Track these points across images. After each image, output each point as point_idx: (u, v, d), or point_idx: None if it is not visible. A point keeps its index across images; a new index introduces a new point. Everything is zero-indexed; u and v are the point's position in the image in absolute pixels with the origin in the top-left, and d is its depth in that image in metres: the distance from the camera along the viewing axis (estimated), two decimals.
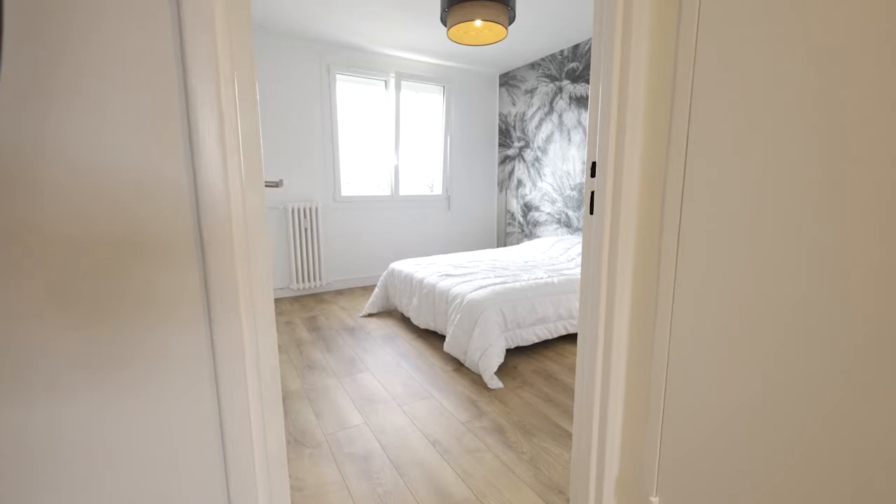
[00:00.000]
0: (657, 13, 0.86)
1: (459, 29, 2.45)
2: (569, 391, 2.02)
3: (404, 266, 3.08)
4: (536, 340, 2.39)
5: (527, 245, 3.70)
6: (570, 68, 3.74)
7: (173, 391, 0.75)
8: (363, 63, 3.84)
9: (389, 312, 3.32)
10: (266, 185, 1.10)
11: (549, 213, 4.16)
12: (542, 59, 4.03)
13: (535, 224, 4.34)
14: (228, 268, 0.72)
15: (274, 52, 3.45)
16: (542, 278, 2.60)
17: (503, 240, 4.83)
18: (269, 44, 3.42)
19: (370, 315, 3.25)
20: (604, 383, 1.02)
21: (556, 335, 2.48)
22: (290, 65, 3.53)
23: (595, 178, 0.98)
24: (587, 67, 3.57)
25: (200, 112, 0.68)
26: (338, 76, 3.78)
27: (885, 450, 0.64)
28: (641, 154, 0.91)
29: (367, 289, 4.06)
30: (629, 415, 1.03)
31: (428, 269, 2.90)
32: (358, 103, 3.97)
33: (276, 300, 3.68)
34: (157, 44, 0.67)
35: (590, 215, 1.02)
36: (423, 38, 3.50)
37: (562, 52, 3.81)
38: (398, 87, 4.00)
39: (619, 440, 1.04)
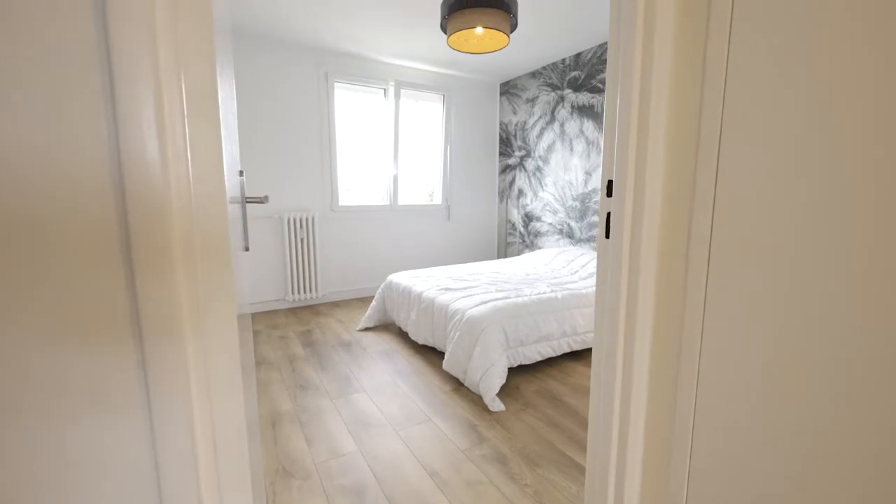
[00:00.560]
0: (682, 11, 0.78)
1: (460, 36, 2.38)
2: (575, 415, 1.92)
3: (402, 278, 2.99)
4: (539, 359, 2.29)
5: (528, 256, 3.61)
6: (572, 77, 3.68)
7: (84, 440, 0.58)
8: (362, 71, 3.78)
9: (387, 326, 3.21)
10: (248, 202, 1.00)
11: (550, 224, 4.08)
12: (544, 68, 3.98)
13: (537, 234, 4.25)
14: (164, 276, 0.56)
15: (270, 60, 3.39)
16: (544, 293, 2.50)
17: (504, 250, 4.75)
18: (266, 51, 3.36)
19: (367, 329, 3.15)
20: (622, 420, 0.92)
21: (559, 353, 2.38)
22: (287, 72, 3.47)
23: (612, 199, 0.89)
24: (589, 76, 3.52)
25: (125, 72, 0.52)
26: (336, 84, 3.72)
27: None
28: (665, 172, 0.82)
29: (365, 300, 3.96)
30: (650, 449, 0.93)
31: (427, 282, 2.80)
32: (356, 111, 3.90)
33: (271, 313, 3.58)
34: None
35: (605, 239, 0.93)
36: (422, 45, 3.45)
37: (563, 60, 3.76)
38: (397, 96, 3.94)
39: (639, 477, 0.94)
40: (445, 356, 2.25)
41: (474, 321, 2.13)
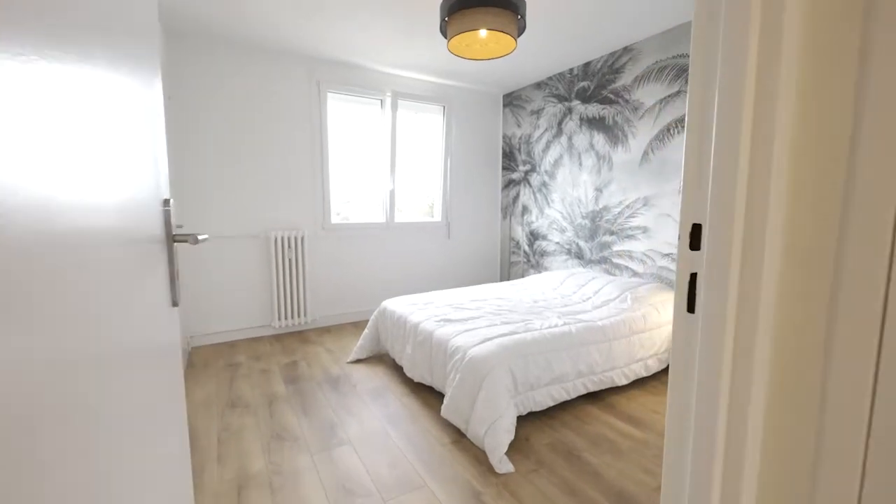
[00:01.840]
0: None
1: (462, 41, 2.15)
2: (596, 479, 1.62)
3: (398, 305, 2.71)
4: (552, 403, 2.00)
5: (534, 279, 3.34)
6: (581, 88, 3.45)
7: None
8: (357, 81, 3.56)
9: (380, 357, 2.92)
10: (176, 240, 0.74)
11: (557, 243, 3.81)
12: (550, 78, 3.76)
13: (543, 254, 3.98)
14: None
15: (259, 68, 3.17)
16: (556, 326, 2.22)
17: (507, 270, 4.47)
18: (253, 58, 3.13)
19: (358, 361, 2.85)
20: None
21: (574, 395, 2.08)
22: (276, 81, 3.24)
23: (699, 252, 0.62)
24: (599, 87, 3.29)
25: None
26: (329, 94, 3.49)
27: None
28: (791, 214, 0.54)
29: (358, 325, 3.67)
30: None
31: (424, 311, 2.52)
32: (351, 123, 3.67)
33: (255, 340, 3.28)
34: None
35: (688, 313, 0.64)
36: (421, 54, 3.23)
37: (571, 70, 3.54)
38: (395, 107, 3.71)
39: None
40: (445, 400, 1.96)
41: (478, 362, 1.85)
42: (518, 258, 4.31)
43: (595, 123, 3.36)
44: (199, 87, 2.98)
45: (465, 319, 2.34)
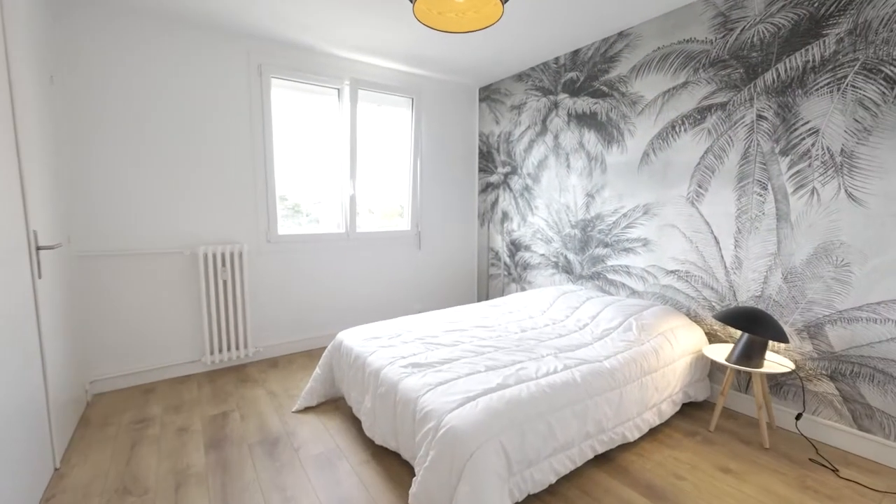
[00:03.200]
0: None
1: (432, 5, 1.65)
2: None
3: (356, 340, 2.17)
4: (554, 480, 1.53)
5: (519, 299, 2.88)
6: (569, 79, 3.03)
7: None
8: (308, 65, 2.99)
9: (335, 402, 2.37)
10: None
11: (542, 255, 3.37)
12: (532, 69, 3.32)
13: (526, 267, 3.54)
14: None
15: (181, 46, 2.55)
16: (556, 371, 1.75)
17: (485, 283, 4.00)
18: (174, 34, 2.51)
19: (306, 409, 2.29)
20: None
21: (580, 463, 1.62)
22: (205, 64, 2.63)
23: None
24: (591, 78, 2.87)
25: None
26: (274, 81, 2.91)
27: None
28: None
29: (312, 355, 3.10)
30: None
31: (388, 350, 2.00)
32: (301, 116, 3.10)
33: (180, 382, 2.65)
34: None
35: None
36: (385, 35, 2.70)
37: (557, 59, 3.11)
38: (354, 98, 3.17)
39: None
40: (414, 486, 1.44)
41: (458, 438, 1.35)
42: (498, 270, 3.85)
43: (585, 120, 2.94)
44: (100, 67, 2.33)
45: (439, 363, 1.84)
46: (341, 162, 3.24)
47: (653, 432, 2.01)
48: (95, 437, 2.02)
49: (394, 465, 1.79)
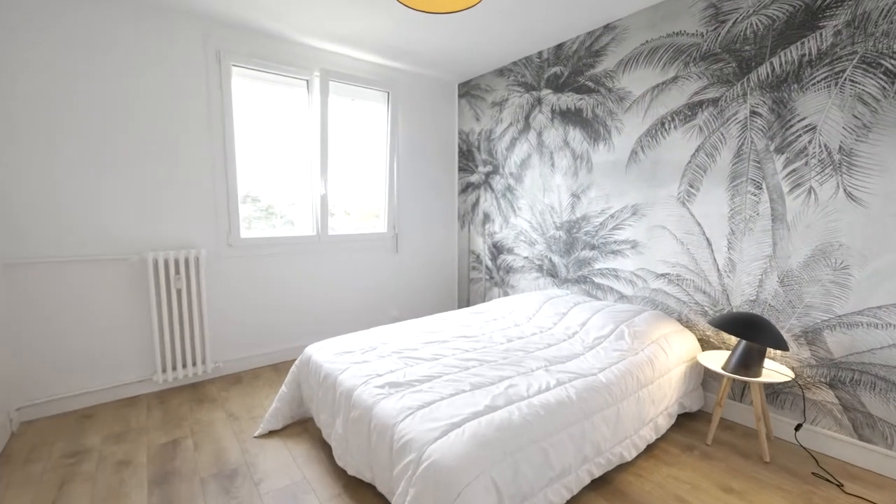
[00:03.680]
0: None
1: None
2: None
3: (326, 355, 1.95)
4: None
5: (503, 304, 2.72)
6: (553, 74, 2.90)
7: None
8: (273, 54, 2.75)
9: (303, 424, 2.14)
10: None
11: (526, 258, 3.23)
12: (514, 64, 3.18)
13: (509, 270, 3.39)
14: None
15: (130, 27, 2.27)
16: (549, 388, 1.59)
17: (466, 288, 3.83)
18: (121, 14, 2.23)
19: (270, 434, 2.05)
20: None
21: (577, 490, 1.46)
22: (153, 46, 2.36)
23: None
24: (575, 73, 2.75)
25: None
26: (234, 69, 2.65)
27: None
28: None
29: (280, 369, 2.84)
30: None
31: (362, 367, 1.79)
32: (269, 110, 2.84)
33: (126, 405, 2.36)
34: None
35: None
36: (357, 23, 2.50)
37: (540, 54, 2.97)
38: (325, 90, 2.94)
39: None
40: None
41: (443, 475, 1.16)
42: (479, 274, 3.69)
43: (570, 117, 2.81)
44: (13, 45, 2.03)
45: (419, 381, 1.65)
46: (312, 159, 3.00)
47: (649, 448, 1.88)
48: (16, 476, 1.73)
49: (368, 499, 1.58)
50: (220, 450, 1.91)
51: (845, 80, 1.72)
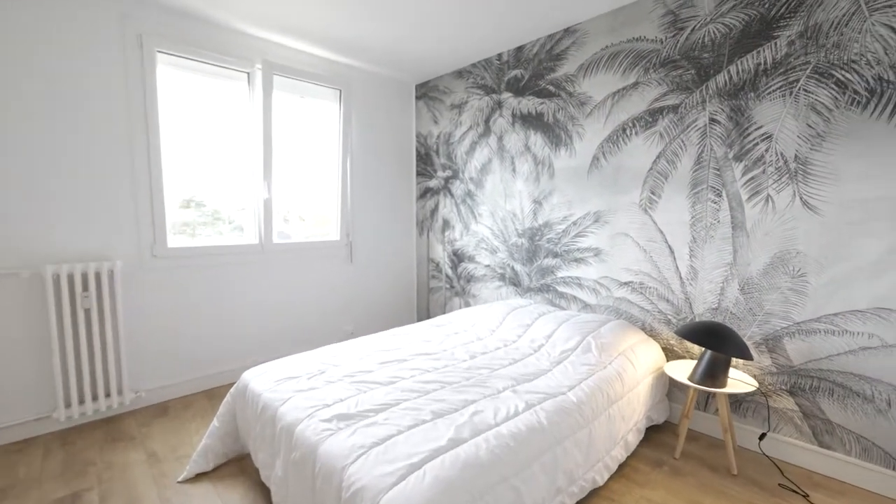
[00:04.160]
0: None
1: None
2: None
3: (265, 382, 1.70)
4: None
5: (465, 316, 2.57)
6: (513, 77, 2.82)
7: None
8: (208, 41, 2.46)
9: (239, 462, 1.86)
10: None
11: (488, 266, 3.11)
12: (474, 66, 3.07)
13: (470, 279, 3.25)
14: None
15: (27, 2, 1.91)
16: (518, 412, 1.45)
17: (426, 297, 3.65)
18: None
19: (199, 477, 1.76)
20: None
21: None
22: (62, 29, 2.01)
23: None
24: (536, 76, 2.68)
25: None
26: (161, 57, 2.33)
27: None
28: None
29: (215, 395, 2.52)
30: None
31: (307, 396, 1.56)
32: (206, 104, 2.54)
33: (19, 449, 1.95)
34: None
35: None
36: (303, 13, 2.27)
37: (500, 56, 2.89)
38: (268, 85, 2.67)
39: None
40: None
41: None
42: (439, 283, 3.53)
43: (531, 121, 2.74)
44: None
45: (373, 411, 1.45)
46: (254, 161, 2.72)
47: (620, 467, 1.78)
48: None
49: None
50: (134, 501, 1.60)
51: (799, 89, 1.74)
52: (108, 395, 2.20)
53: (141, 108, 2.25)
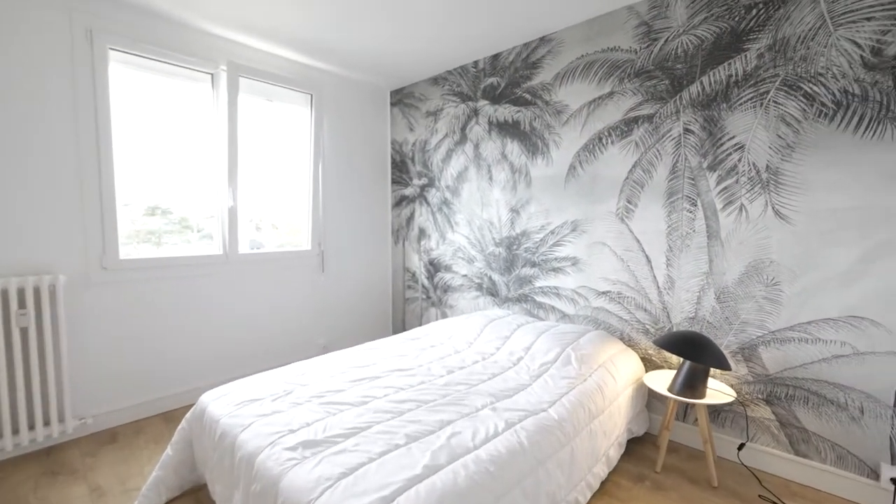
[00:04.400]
0: None
1: None
2: None
3: (224, 405, 1.56)
4: None
5: (441, 329, 2.48)
6: (489, 85, 2.79)
7: None
8: (167, 39, 2.31)
9: (195, 494, 1.70)
10: None
11: (465, 276, 3.04)
12: (449, 73, 3.03)
13: (447, 289, 3.18)
14: None
15: None
16: (498, 433, 1.37)
17: (401, 307, 3.55)
18: None
19: None
20: None
21: None
22: (3, 20, 1.84)
23: None
24: (512, 84, 2.65)
25: None
26: (114, 55, 2.17)
27: None
28: None
29: (172, 419, 2.33)
30: None
31: (270, 421, 1.43)
32: (168, 106, 2.38)
33: None
34: None
35: None
36: (269, 13, 2.17)
37: (476, 63, 2.86)
38: (233, 88, 2.54)
39: None
40: None
41: None
42: (415, 293, 3.43)
43: (508, 129, 2.71)
44: None
45: (342, 436, 1.34)
46: (219, 167, 2.57)
47: (601, 484, 1.73)
48: None
49: None
50: None
51: (769, 101, 1.76)
52: (46, 423, 1.99)
53: (90, 109, 2.08)
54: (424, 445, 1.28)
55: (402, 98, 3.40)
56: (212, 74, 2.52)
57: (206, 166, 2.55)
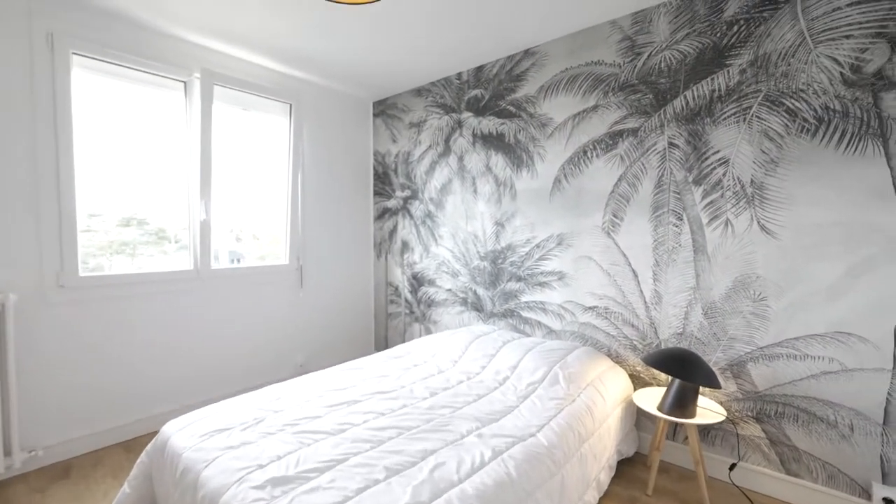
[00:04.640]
0: None
1: None
2: None
3: (188, 437, 1.43)
4: None
5: (424, 347, 2.39)
6: (473, 97, 2.75)
7: None
8: (136, 45, 2.21)
9: None
10: None
11: (449, 290, 2.97)
12: (433, 84, 2.99)
13: (431, 304, 3.09)
14: None
15: None
16: (484, 463, 1.29)
17: (384, 323, 3.44)
18: None
19: None
20: None
21: None
22: None
23: None
24: (496, 96, 2.63)
25: None
26: (77, 59, 2.05)
27: None
28: None
29: (134, 448, 2.16)
30: None
31: (237, 454, 1.32)
32: (139, 114, 2.26)
33: None
34: None
35: None
36: (245, 19, 2.09)
37: (460, 75, 2.83)
38: (207, 96, 2.44)
39: None
40: None
41: None
42: (398, 308, 3.34)
43: (492, 141, 2.67)
44: None
45: (316, 471, 1.23)
46: (191, 178, 2.45)
47: None
48: None
49: None
50: None
51: (752, 116, 1.77)
52: None
53: (49, 117, 1.95)
54: (406, 480, 1.19)
55: (384, 109, 3.35)
56: (185, 82, 2.41)
57: (180, 177, 2.43)
